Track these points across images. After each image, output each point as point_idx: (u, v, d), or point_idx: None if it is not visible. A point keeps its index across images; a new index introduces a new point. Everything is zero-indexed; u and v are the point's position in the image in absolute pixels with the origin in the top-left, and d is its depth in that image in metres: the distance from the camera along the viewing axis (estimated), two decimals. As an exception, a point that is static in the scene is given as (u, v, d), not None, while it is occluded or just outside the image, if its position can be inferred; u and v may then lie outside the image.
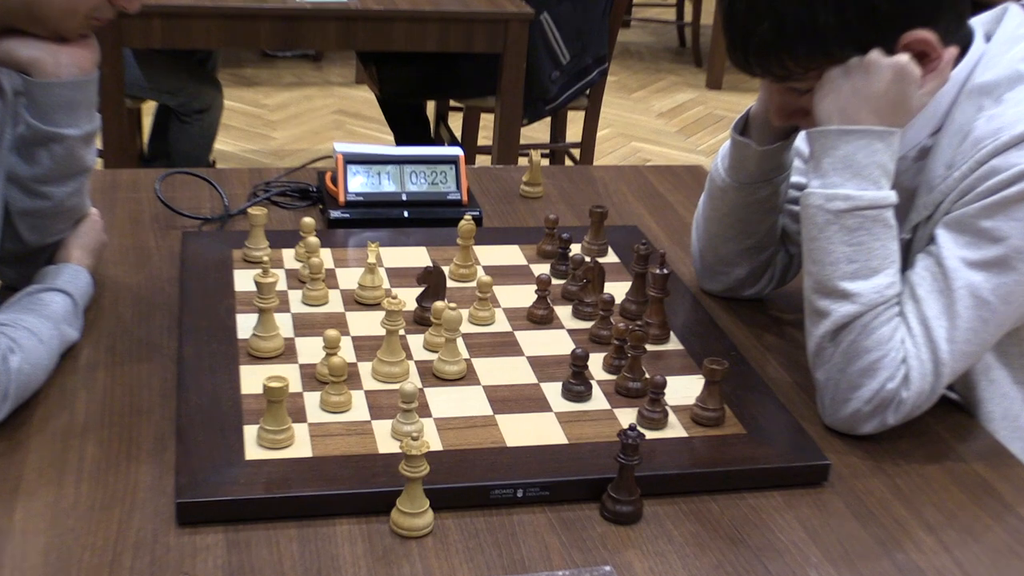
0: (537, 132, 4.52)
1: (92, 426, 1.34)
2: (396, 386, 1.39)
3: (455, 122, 4.28)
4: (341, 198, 1.86)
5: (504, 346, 1.53)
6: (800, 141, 1.66)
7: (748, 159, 1.58)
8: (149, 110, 3.99)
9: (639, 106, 5.53)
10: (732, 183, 1.61)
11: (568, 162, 4.08)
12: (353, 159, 1.88)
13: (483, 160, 3.94)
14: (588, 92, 3.83)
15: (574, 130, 4.14)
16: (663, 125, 5.35)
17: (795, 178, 1.66)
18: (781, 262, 1.72)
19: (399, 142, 4.08)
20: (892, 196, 1.39)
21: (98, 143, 1.75)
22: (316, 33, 3.16)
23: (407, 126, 4.05)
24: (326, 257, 1.69)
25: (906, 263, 1.45)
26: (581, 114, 3.92)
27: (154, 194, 1.87)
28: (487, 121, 3.89)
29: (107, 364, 1.46)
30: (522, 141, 3.51)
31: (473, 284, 1.65)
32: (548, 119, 4.03)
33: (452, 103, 4.19)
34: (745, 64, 1.41)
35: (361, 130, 4.99)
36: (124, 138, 3.21)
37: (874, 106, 1.37)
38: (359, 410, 1.37)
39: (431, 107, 4.30)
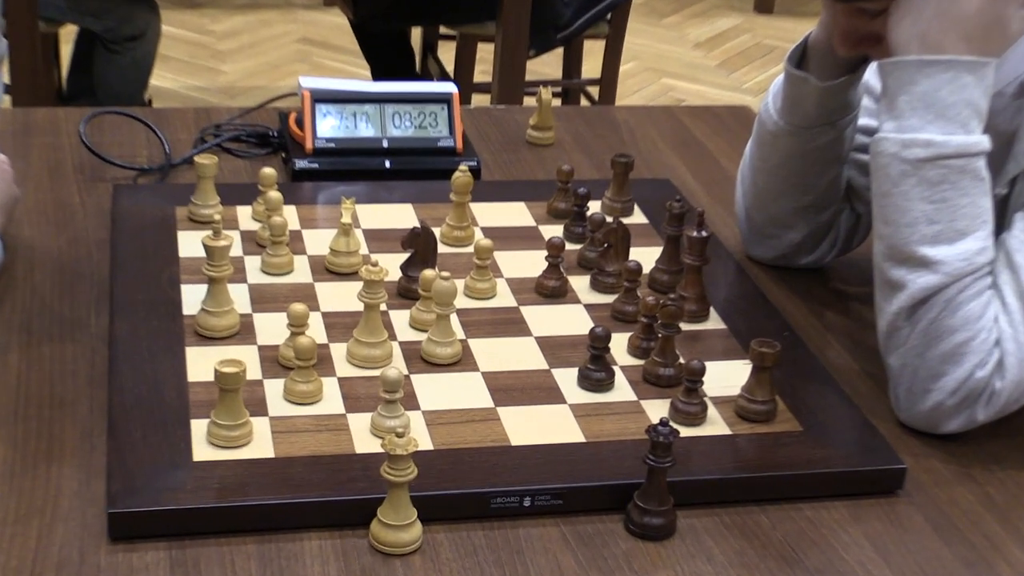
0: (547, 66, 4.52)
1: (3, 421, 1.35)
2: (377, 372, 1.39)
3: (446, 54, 4.27)
4: (308, 144, 1.87)
5: (508, 324, 1.54)
6: (871, 75, 1.66)
7: (806, 97, 1.58)
8: (68, 36, 3.99)
9: (671, 35, 5.53)
10: (786, 127, 1.61)
11: (585, 102, 4.08)
12: (323, 97, 1.89)
13: (481, 100, 3.94)
14: (609, 17, 3.83)
15: (592, 64, 4.14)
16: (700, 58, 5.35)
17: (864, 121, 1.66)
18: (845, 223, 1.72)
19: (376, 76, 4.08)
20: (984, 142, 1.39)
21: (4, 75, 1.75)
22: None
23: (387, 58, 4.05)
24: (290, 216, 1.69)
25: (1001, 224, 1.45)
26: (600, 44, 3.92)
27: (77, 138, 1.88)
28: (485, 53, 3.89)
29: (21, 346, 1.47)
30: (528, 77, 3.51)
31: (470, 249, 1.66)
32: (560, 50, 4.03)
33: (442, 30, 4.18)
34: None
35: (331, 63, 4.99)
36: (38, 70, 3.21)
37: (963, 30, 1.37)
38: (331, 401, 1.37)
39: (416, 35, 4.29)
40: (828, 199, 1.67)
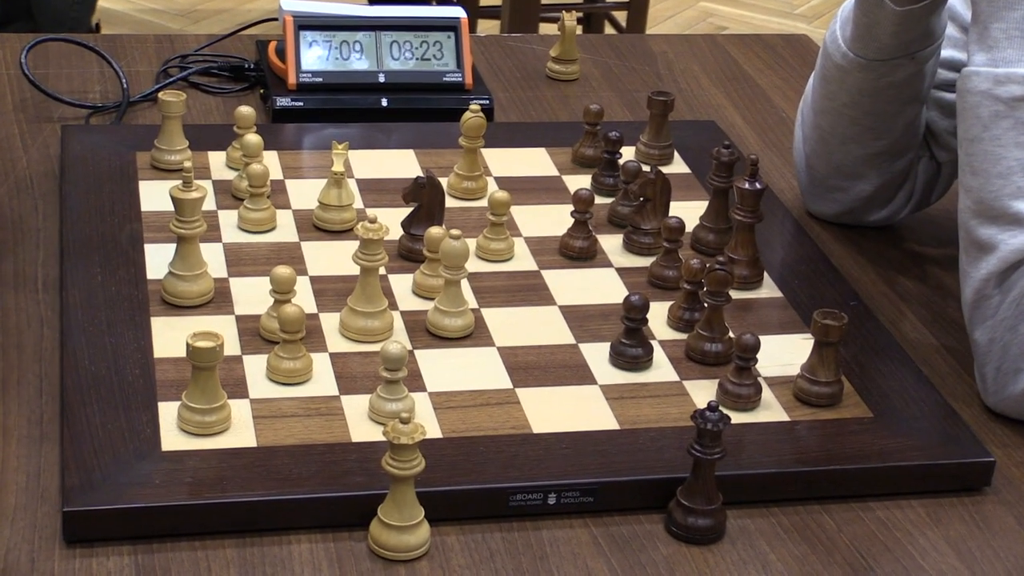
0: (565, -14, 4.51)
1: (-59, 402, 1.36)
2: (376, 347, 1.40)
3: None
4: (292, 79, 1.87)
5: (528, 291, 1.55)
6: (958, 0, 1.66)
7: (881, 24, 1.58)
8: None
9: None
10: (857, 59, 1.61)
11: (610, 30, 4.07)
12: (308, 23, 1.89)
13: (488, 27, 3.94)
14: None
15: (619, -17, 4.13)
16: (746, -23, 5.34)
17: (948, 53, 1.66)
18: (924, 174, 1.73)
19: (372, 1, 4.07)
20: None
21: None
22: None
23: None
24: (272, 164, 1.70)
25: None
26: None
27: (18, 70, 1.88)
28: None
29: (-40, 314, 1.48)
30: (547, 0, 3.50)
31: (483, 203, 1.66)
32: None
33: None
34: None
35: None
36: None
37: None
38: (322, 381, 1.38)
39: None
40: (904, 145, 1.67)
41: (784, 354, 1.46)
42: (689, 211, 1.65)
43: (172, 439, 1.29)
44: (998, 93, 1.39)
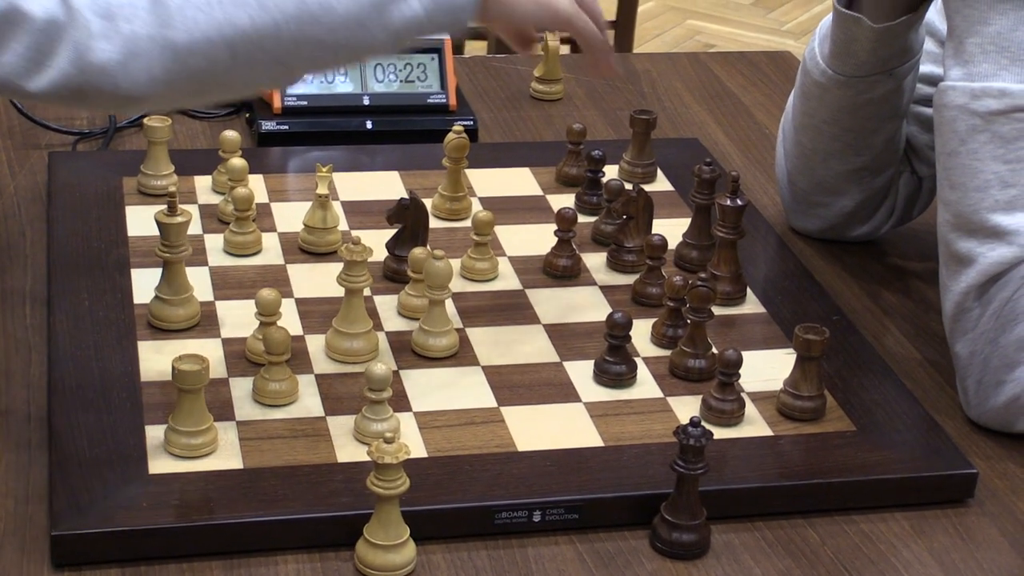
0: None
1: (-71, 429, 1.37)
2: (360, 368, 1.41)
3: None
4: (276, 103, 1.88)
5: (512, 310, 1.55)
6: (935, 15, 1.67)
7: (858, 41, 1.59)
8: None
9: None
10: (835, 76, 1.62)
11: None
12: (292, 46, 1.89)
13: (475, 47, 3.94)
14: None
15: (605, 4, 4.14)
16: (733, -6, 5.36)
17: (927, 68, 1.67)
18: (904, 188, 1.73)
19: None
20: None
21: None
22: None
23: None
24: (257, 187, 1.70)
25: None
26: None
27: (5, 98, 1.89)
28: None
29: (-53, 341, 1.48)
30: (531, 19, 3.50)
31: (467, 223, 1.67)
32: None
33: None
34: None
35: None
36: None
37: None
38: (308, 402, 1.39)
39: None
40: (885, 160, 1.68)
41: (767, 369, 1.47)
42: (672, 228, 1.65)
43: (159, 462, 1.30)
44: (974, 107, 1.40)
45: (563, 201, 1.74)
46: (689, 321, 1.46)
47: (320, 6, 1.23)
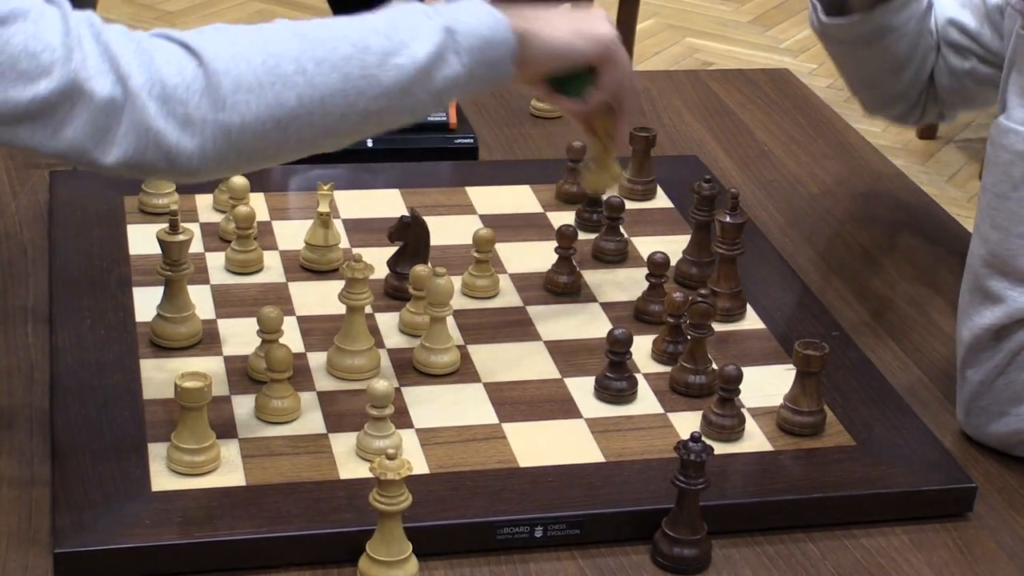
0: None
1: (-68, 447, 1.37)
2: (362, 385, 1.41)
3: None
4: (276, 121, 1.88)
5: (513, 327, 1.56)
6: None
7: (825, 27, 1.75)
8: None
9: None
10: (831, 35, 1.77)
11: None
12: (292, 65, 1.90)
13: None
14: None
15: (604, 21, 4.15)
16: (730, 13, 5.36)
17: (953, 12, 1.77)
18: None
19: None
20: None
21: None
22: None
23: (357, 12, 4.05)
24: (258, 206, 1.71)
25: None
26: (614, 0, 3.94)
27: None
28: (479, 9, 3.91)
29: (-50, 360, 1.49)
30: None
31: (467, 240, 1.67)
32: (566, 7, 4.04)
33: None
34: None
35: (284, 11, 5.00)
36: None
37: None
38: (310, 419, 1.40)
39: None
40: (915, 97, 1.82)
41: (767, 385, 1.47)
42: (672, 245, 1.66)
43: (162, 479, 1.30)
44: None
45: (563, 218, 1.74)
46: (689, 337, 1.47)
47: (365, 79, 1.25)
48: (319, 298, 1.57)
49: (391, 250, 1.60)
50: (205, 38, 1.23)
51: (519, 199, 1.81)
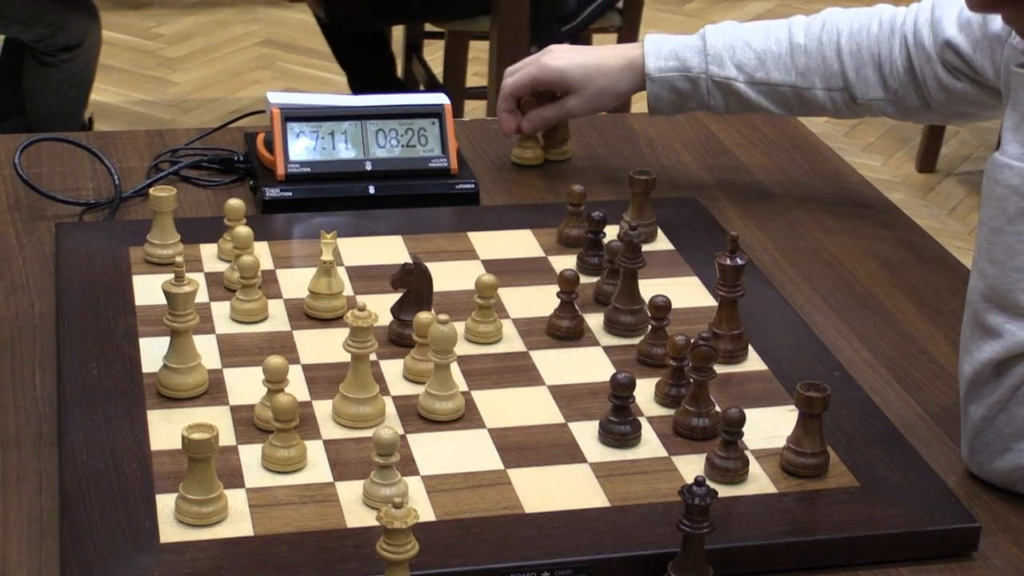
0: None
1: (-58, 501, 1.37)
2: (368, 433, 1.42)
3: (433, 54, 4.31)
4: (280, 170, 1.90)
5: (516, 372, 1.57)
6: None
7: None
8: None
9: (694, 23, 5.56)
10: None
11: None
12: (295, 114, 1.91)
13: (475, 106, 3.98)
14: (620, 4, 3.87)
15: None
16: (729, 49, 5.38)
17: (951, 33, 1.81)
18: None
19: (353, 83, 4.12)
20: None
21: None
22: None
23: (364, 61, 4.09)
24: (262, 254, 1.72)
25: None
26: (612, 38, 3.96)
27: (12, 170, 1.90)
28: (478, 52, 3.93)
29: (-41, 413, 1.49)
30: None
31: (470, 286, 1.68)
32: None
33: (428, 27, 4.22)
34: None
35: (299, 68, 5.03)
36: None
37: None
38: (317, 468, 1.40)
39: (398, 33, 4.33)
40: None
41: (770, 426, 1.48)
42: (673, 288, 1.67)
43: (170, 531, 1.31)
44: None
45: (565, 262, 1.75)
46: (692, 380, 1.47)
47: None
48: (324, 346, 1.58)
49: (394, 297, 1.60)
50: None
51: (521, 243, 1.82)
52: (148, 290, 1.65)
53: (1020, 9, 1.44)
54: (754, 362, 1.60)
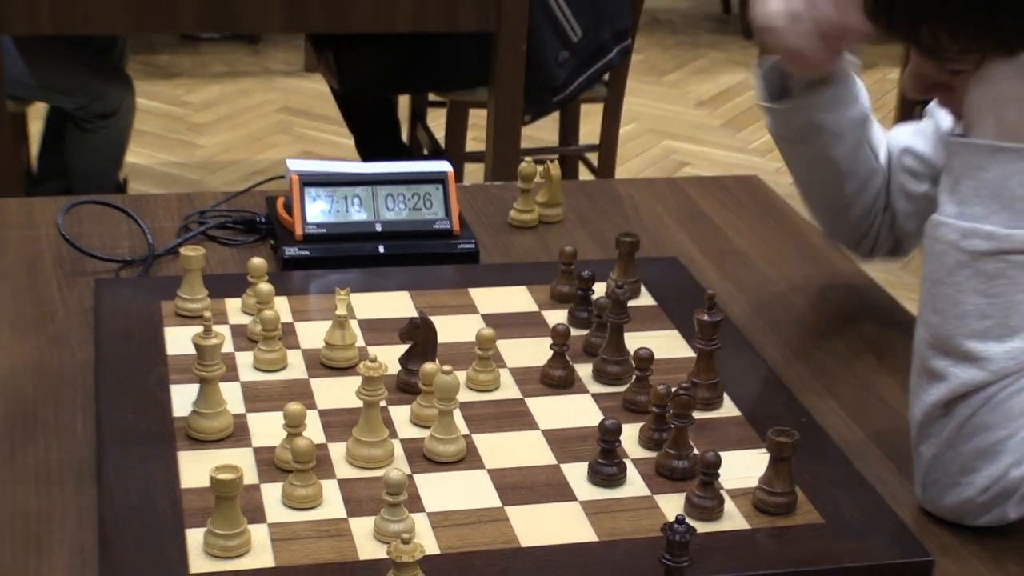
0: (543, 131, 4.58)
1: (-10, 535, 1.38)
2: (379, 473, 1.43)
3: (436, 120, 4.34)
4: (298, 231, 1.91)
5: (513, 418, 1.58)
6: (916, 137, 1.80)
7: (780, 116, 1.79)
8: (37, 114, 4.05)
9: (673, 93, 5.60)
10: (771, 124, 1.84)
11: (584, 169, 4.13)
12: (312, 180, 1.93)
13: (474, 169, 3.99)
14: (607, 77, 3.89)
15: (590, 127, 4.20)
16: (704, 117, 5.41)
17: (910, 141, 1.80)
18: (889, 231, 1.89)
19: (361, 146, 4.14)
20: None
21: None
22: (254, 10, 3.21)
23: (372, 127, 4.11)
24: (282, 309, 1.73)
25: None
26: (599, 107, 3.98)
27: (55, 230, 1.91)
28: (477, 118, 3.95)
29: (4, 456, 1.49)
30: (523, 144, 3.56)
31: (471, 338, 1.69)
32: (556, 114, 4.08)
33: (431, 96, 4.24)
34: (884, 20, 1.45)
35: (314, 133, 5.05)
36: (6, 151, 3.24)
37: None
38: (332, 505, 1.41)
39: (403, 101, 4.35)
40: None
41: (743, 468, 1.49)
42: (656, 340, 1.67)
43: (199, 562, 1.31)
44: (963, 245, 1.41)
45: (557, 317, 1.76)
46: (673, 426, 1.48)
47: None
48: (338, 393, 1.59)
49: (403, 348, 1.61)
50: None
51: (517, 299, 1.83)
52: (178, 341, 1.66)
53: (952, 92, 1.48)
54: (729, 409, 1.61)
